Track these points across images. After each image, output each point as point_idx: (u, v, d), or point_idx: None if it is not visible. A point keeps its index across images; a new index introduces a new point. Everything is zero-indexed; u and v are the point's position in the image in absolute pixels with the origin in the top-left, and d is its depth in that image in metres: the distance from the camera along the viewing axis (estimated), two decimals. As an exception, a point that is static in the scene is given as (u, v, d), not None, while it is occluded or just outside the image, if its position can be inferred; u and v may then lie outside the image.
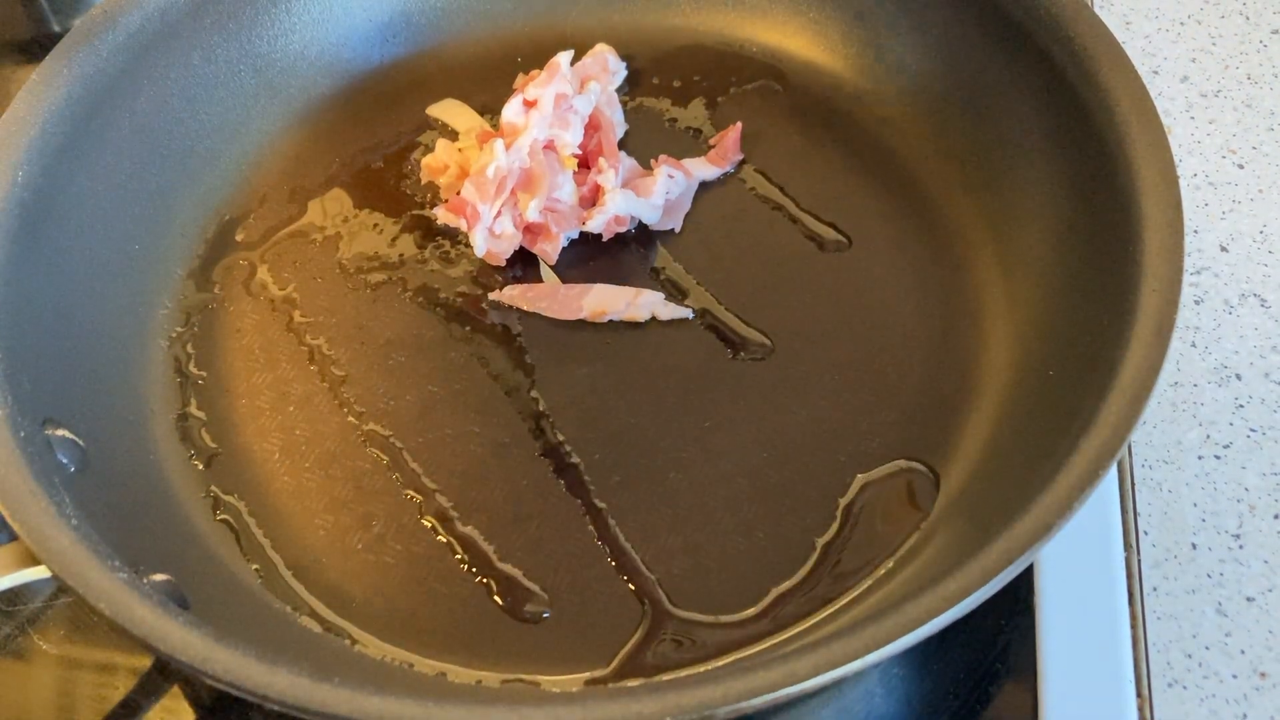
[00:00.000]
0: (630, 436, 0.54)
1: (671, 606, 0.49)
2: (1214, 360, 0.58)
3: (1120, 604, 0.49)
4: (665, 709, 0.38)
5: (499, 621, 0.49)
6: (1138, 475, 0.54)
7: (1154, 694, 0.48)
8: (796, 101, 0.65)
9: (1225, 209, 0.63)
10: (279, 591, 0.50)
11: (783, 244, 0.60)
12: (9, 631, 0.52)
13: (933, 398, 0.54)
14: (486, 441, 0.54)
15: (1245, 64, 0.69)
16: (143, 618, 0.41)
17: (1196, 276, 0.60)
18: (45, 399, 0.49)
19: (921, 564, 0.48)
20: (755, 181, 0.62)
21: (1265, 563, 0.52)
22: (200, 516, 0.52)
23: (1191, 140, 0.66)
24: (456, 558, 0.51)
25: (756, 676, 0.38)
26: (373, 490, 0.53)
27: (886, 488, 0.51)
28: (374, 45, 0.67)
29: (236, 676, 0.40)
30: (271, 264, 0.61)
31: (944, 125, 0.61)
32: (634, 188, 0.60)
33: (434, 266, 0.60)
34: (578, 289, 0.58)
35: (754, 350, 0.56)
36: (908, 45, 0.62)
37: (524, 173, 0.59)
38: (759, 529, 0.51)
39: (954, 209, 0.59)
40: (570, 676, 0.48)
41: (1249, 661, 0.49)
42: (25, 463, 0.45)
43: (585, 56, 0.65)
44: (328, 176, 0.64)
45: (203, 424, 0.55)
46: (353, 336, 0.58)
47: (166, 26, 0.60)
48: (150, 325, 0.58)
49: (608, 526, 0.51)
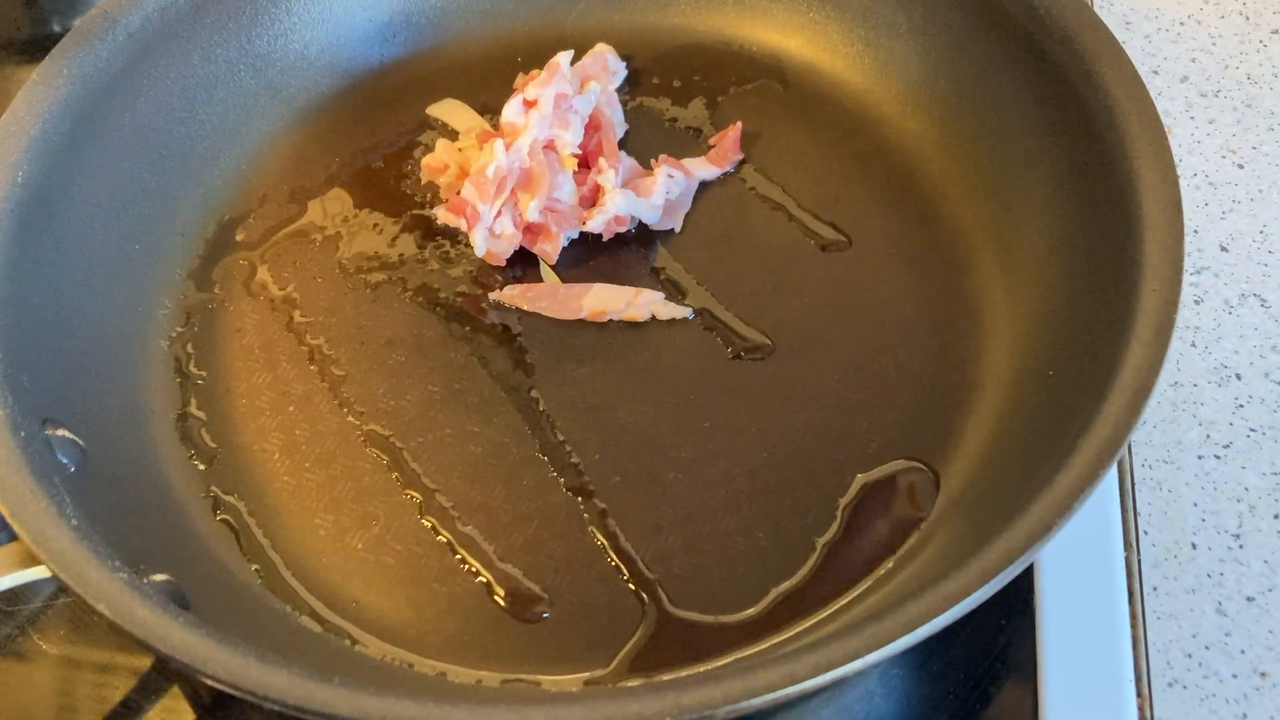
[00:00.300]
0: (630, 436, 0.54)
1: (671, 606, 0.49)
2: (1214, 360, 0.58)
3: (1120, 604, 0.49)
4: (665, 709, 0.38)
5: (499, 621, 0.49)
6: (1138, 475, 0.54)
7: (1154, 694, 0.48)
8: (796, 101, 0.65)
9: (1225, 209, 0.63)
10: (279, 591, 0.50)
11: (783, 244, 0.60)
12: (9, 631, 0.52)
13: (933, 398, 0.54)
14: (486, 441, 0.54)
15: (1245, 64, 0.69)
16: (143, 618, 0.41)
17: (1196, 276, 0.60)
18: (45, 399, 0.49)
19: (921, 564, 0.48)
20: (755, 181, 0.62)
21: (1265, 562, 0.52)
22: (200, 516, 0.52)
23: (1191, 140, 0.66)
24: (456, 558, 0.51)
25: (756, 676, 0.38)
26: (373, 490, 0.53)
27: (886, 488, 0.51)
28: (374, 45, 0.67)
29: (236, 677, 0.40)
30: (271, 264, 0.61)
31: (944, 125, 0.61)
32: (634, 188, 0.60)
33: (434, 266, 0.60)
34: (578, 289, 0.58)
35: (754, 350, 0.56)
36: (908, 45, 0.62)
37: (524, 173, 0.59)
38: (759, 529, 0.51)
39: (954, 209, 0.59)
40: (570, 676, 0.48)
41: (1249, 661, 0.49)
42: (25, 463, 0.45)
43: (585, 56, 0.65)
44: (328, 176, 0.64)
45: (203, 424, 0.55)
46: (353, 336, 0.58)
47: (166, 26, 0.60)
48: (150, 325, 0.58)
49: (608, 526, 0.51)
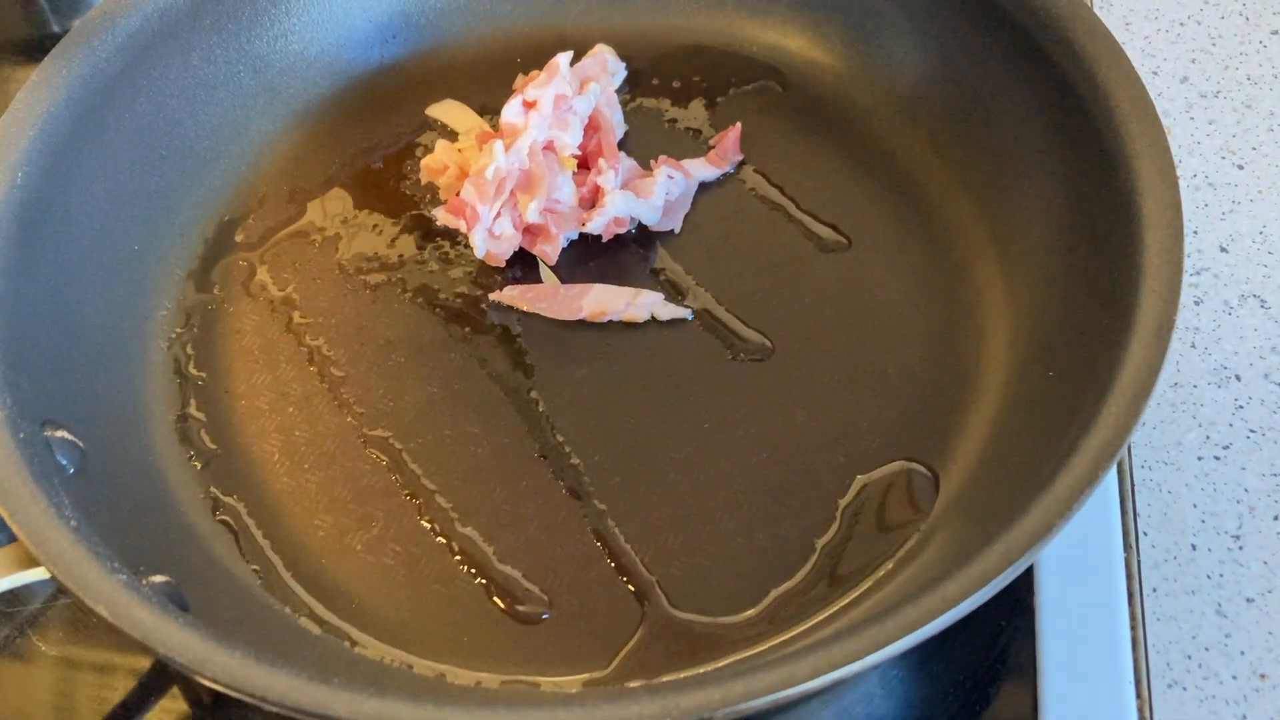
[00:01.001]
0: (630, 436, 0.54)
1: (671, 607, 0.49)
2: (1214, 361, 0.58)
3: (1120, 605, 0.49)
4: (665, 709, 0.38)
5: (498, 622, 0.49)
6: (1138, 476, 0.54)
7: (1154, 695, 0.48)
8: (796, 101, 0.64)
9: (1225, 209, 0.63)
10: (278, 592, 0.50)
11: (782, 244, 0.59)
12: (9, 632, 0.52)
13: (933, 398, 0.54)
14: (486, 442, 0.54)
15: (1245, 64, 0.69)
16: (142, 619, 0.41)
17: (1196, 277, 0.60)
18: (44, 400, 0.49)
19: (921, 565, 0.48)
20: (755, 182, 0.62)
21: (1265, 564, 0.52)
22: (200, 517, 0.52)
23: (1191, 140, 0.66)
24: (456, 558, 0.51)
25: (756, 677, 0.38)
26: (372, 491, 0.53)
27: (886, 489, 0.51)
28: (374, 45, 0.67)
29: (236, 678, 0.40)
30: (271, 265, 0.61)
31: (944, 125, 0.61)
32: (634, 188, 0.60)
33: (433, 267, 0.60)
34: (577, 289, 0.58)
35: (754, 351, 0.56)
36: (908, 45, 0.62)
37: (523, 174, 0.59)
38: (759, 529, 0.51)
39: (954, 209, 0.59)
40: (570, 677, 0.48)
41: (1249, 663, 0.49)
42: (25, 463, 0.45)
43: (585, 57, 0.65)
44: (328, 177, 0.64)
45: (202, 425, 0.55)
46: (352, 337, 0.58)
47: (166, 27, 0.60)
48: (150, 326, 0.58)
49: (607, 527, 0.51)
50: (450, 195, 0.61)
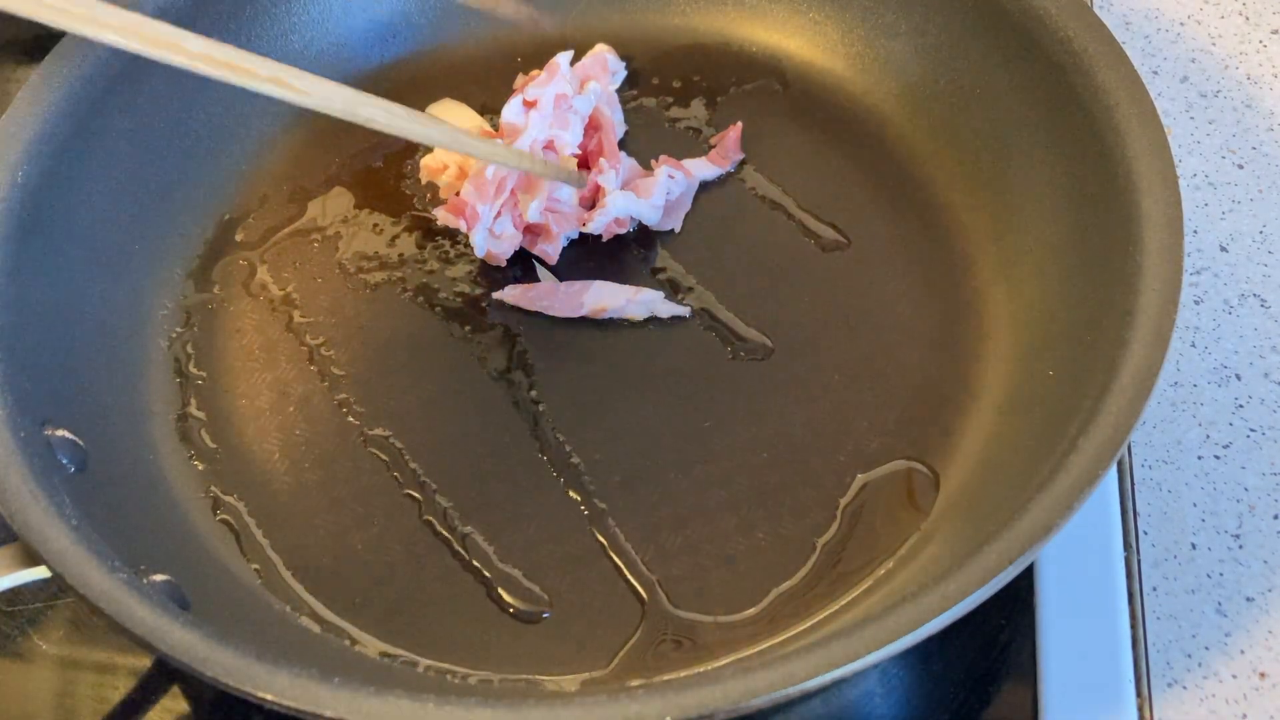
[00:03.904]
0: (630, 436, 0.54)
1: (671, 607, 0.49)
2: (1214, 360, 0.58)
3: (1120, 604, 0.49)
4: (665, 709, 0.38)
5: (499, 621, 0.49)
6: (1138, 475, 0.54)
7: (1154, 694, 0.48)
8: (796, 101, 0.65)
9: (1225, 209, 0.63)
10: (279, 591, 0.50)
11: (782, 244, 0.60)
12: (9, 631, 0.52)
13: (933, 398, 0.54)
14: (486, 441, 0.54)
15: (1245, 64, 0.69)
16: (143, 618, 0.41)
17: (1196, 276, 0.60)
18: (45, 399, 0.49)
19: (921, 564, 0.48)
20: (755, 181, 0.62)
21: (1265, 563, 0.52)
22: (200, 516, 0.52)
23: (1191, 140, 0.66)
24: (456, 558, 0.51)
25: (756, 676, 0.38)
26: (373, 490, 0.53)
27: (886, 488, 0.51)
28: (374, 45, 0.67)
29: (236, 677, 0.40)
30: (271, 264, 0.61)
31: (944, 125, 0.61)
32: (634, 188, 0.60)
33: (434, 266, 0.60)
34: (578, 286, 0.58)
35: (754, 350, 0.56)
36: (908, 45, 0.62)
37: (524, 173, 0.59)
38: (759, 529, 0.51)
39: (954, 209, 0.59)
40: (570, 676, 0.48)
41: (1249, 662, 0.49)
42: (25, 463, 0.45)
43: (585, 56, 0.65)
44: (328, 176, 0.64)
45: (203, 424, 0.55)
46: (353, 336, 0.58)
47: (166, 27, 0.60)
48: (150, 325, 0.58)
49: (608, 526, 0.51)
50: (450, 195, 0.61)
